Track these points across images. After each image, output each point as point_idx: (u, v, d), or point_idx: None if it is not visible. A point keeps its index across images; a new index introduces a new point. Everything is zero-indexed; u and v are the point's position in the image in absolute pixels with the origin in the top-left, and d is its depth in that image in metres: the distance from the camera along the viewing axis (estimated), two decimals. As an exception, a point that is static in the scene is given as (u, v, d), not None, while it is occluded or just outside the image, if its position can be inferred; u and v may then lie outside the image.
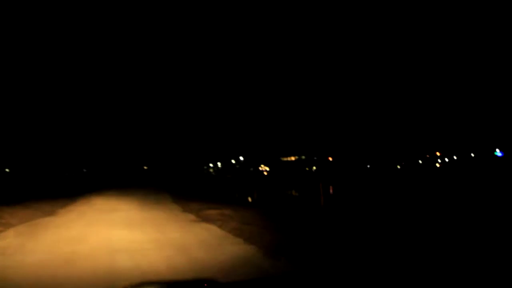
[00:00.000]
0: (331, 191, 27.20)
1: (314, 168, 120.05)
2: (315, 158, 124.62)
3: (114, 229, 11.61)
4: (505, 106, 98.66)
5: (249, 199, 21.26)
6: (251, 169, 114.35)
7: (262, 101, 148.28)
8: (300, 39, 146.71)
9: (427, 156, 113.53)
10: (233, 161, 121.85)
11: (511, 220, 12.04)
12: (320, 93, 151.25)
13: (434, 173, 71.70)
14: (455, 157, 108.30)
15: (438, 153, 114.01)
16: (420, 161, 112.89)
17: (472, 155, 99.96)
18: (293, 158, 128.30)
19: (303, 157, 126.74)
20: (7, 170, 63.81)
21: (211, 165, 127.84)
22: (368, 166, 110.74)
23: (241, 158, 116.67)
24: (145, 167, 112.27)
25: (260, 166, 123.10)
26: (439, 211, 15.42)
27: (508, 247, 8.00)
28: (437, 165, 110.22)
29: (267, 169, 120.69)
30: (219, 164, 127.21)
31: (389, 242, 8.97)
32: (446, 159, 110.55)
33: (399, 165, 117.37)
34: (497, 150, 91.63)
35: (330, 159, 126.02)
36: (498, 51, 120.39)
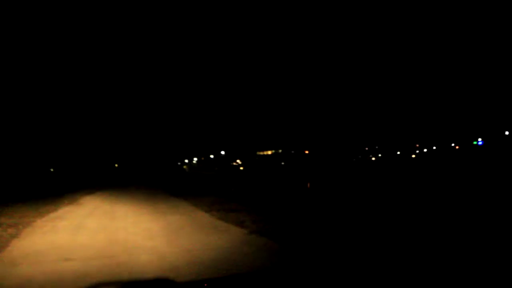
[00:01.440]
0: (308, 185, 28.25)
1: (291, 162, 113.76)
2: (292, 151, 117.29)
3: None
4: (486, 96, 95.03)
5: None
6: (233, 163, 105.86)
7: (238, 95, 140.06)
8: (268, 34, 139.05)
9: (405, 147, 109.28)
10: (211, 156, 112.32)
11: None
12: (297, 87, 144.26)
13: (406, 165, 70.57)
14: (434, 148, 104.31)
15: (417, 145, 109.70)
16: (398, 152, 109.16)
17: (453, 145, 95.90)
18: (269, 152, 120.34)
19: (280, 150, 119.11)
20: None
21: (186, 161, 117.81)
22: (344, 158, 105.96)
23: (223, 152, 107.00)
24: (116, 165, 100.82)
25: (236, 161, 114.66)
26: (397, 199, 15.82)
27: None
28: (413, 156, 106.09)
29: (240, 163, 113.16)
30: (195, 159, 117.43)
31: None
32: (425, 150, 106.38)
33: (375, 157, 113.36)
34: (479, 139, 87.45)
35: (307, 152, 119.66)
36: (475, 44, 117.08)
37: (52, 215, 12.28)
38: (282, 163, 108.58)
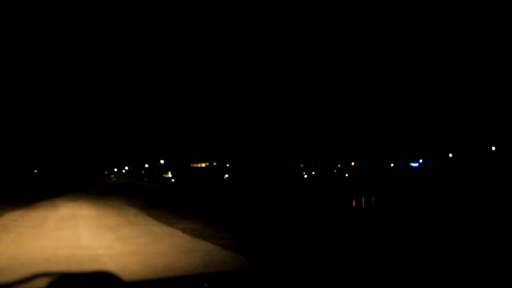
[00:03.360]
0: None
1: (226, 176, 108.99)
2: (227, 165, 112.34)
3: None
4: (426, 117, 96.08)
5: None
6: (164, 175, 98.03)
7: (173, 106, 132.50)
8: (206, 41, 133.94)
9: (339, 166, 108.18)
10: (146, 166, 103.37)
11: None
12: (235, 100, 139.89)
13: (333, 183, 68.59)
14: (371, 167, 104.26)
15: (352, 163, 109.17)
16: (335, 170, 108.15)
17: (392, 165, 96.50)
18: (203, 165, 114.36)
19: (215, 163, 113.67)
20: None
21: (115, 170, 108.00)
22: (278, 174, 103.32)
23: (162, 161, 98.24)
24: (35, 171, 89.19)
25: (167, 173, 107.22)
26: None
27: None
28: (346, 175, 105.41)
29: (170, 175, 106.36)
30: (126, 168, 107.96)
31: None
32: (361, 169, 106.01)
33: (307, 175, 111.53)
34: (420, 160, 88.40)
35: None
36: (419, 65, 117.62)
37: None
38: (215, 177, 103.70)
